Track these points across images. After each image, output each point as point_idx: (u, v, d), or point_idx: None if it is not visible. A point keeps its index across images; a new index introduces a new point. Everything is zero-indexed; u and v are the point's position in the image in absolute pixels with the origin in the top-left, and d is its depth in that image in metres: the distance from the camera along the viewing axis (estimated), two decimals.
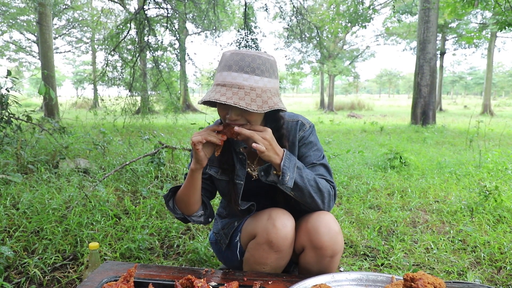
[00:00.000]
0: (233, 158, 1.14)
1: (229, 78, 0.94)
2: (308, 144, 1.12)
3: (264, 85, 0.96)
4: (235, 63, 0.95)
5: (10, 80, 3.21)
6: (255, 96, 0.93)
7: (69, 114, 10.30)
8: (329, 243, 0.99)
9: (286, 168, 0.97)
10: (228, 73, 0.95)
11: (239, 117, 0.98)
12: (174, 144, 4.33)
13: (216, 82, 0.97)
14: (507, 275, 1.58)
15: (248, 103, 0.91)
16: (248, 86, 0.93)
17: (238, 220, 1.22)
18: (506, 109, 22.22)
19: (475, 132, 6.38)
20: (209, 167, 1.17)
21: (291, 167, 0.98)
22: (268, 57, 0.99)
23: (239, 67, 0.94)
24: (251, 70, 0.94)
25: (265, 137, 0.95)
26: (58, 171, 2.92)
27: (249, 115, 0.98)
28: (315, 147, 1.12)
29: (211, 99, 0.92)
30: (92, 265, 1.13)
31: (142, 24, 6.69)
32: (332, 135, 7.07)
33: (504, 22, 5.91)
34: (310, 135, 1.13)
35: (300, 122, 1.13)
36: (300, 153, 1.12)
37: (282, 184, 0.98)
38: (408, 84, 56.90)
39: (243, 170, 1.13)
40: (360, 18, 9.77)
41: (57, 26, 16.80)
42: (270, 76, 0.98)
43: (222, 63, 0.98)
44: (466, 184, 3.09)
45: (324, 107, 20.99)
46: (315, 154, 1.11)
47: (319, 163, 1.10)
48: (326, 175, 1.09)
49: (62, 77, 42.66)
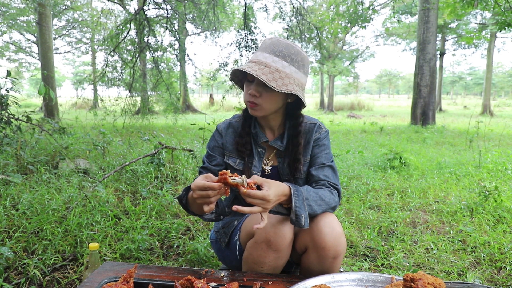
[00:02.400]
0: (253, 149, 1.19)
1: (260, 57, 1.05)
2: (321, 146, 1.18)
3: (290, 72, 1.04)
4: (270, 46, 1.06)
5: (10, 80, 3.21)
6: (277, 77, 1.01)
7: (69, 115, 10.30)
8: (332, 244, 0.99)
9: (299, 210, 0.96)
10: (261, 53, 1.06)
11: (258, 94, 1.05)
12: (174, 144, 4.33)
13: (249, 60, 1.08)
14: (507, 275, 1.58)
15: (269, 79, 0.99)
16: (275, 67, 1.02)
17: (238, 219, 1.22)
18: (506, 109, 22.23)
19: (475, 133, 6.38)
20: (227, 157, 1.20)
21: (302, 206, 0.97)
22: (302, 51, 1.09)
23: (271, 50, 1.05)
24: (282, 56, 1.04)
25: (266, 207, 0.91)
26: (58, 172, 2.92)
27: (268, 94, 1.05)
28: (327, 150, 1.19)
29: (239, 68, 1.03)
30: (92, 265, 1.13)
31: (142, 25, 6.69)
32: (332, 136, 7.07)
33: (503, 23, 5.92)
34: (324, 138, 1.20)
35: (318, 125, 1.21)
36: (312, 152, 1.18)
37: (298, 226, 0.97)
38: (408, 84, 56.91)
39: (260, 163, 1.18)
40: (360, 18, 9.77)
41: (57, 27, 16.81)
42: (298, 68, 1.07)
43: (261, 46, 1.10)
44: (466, 185, 3.09)
45: (324, 107, 21.00)
46: (326, 156, 1.18)
47: (328, 165, 1.16)
48: (331, 177, 1.15)
49: (62, 77, 42.66)
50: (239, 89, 1.21)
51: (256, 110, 1.09)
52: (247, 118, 1.20)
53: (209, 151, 1.23)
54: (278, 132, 1.21)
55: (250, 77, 1.07)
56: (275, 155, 1.21)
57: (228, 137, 1.21)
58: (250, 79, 1.08)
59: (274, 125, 1.20)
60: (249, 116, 1.20)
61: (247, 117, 1.20)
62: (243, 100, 1.13)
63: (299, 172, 1.16)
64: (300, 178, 1.17)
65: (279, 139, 1.18)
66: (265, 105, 1.07)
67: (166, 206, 2.35)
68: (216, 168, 1.20)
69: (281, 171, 1.19)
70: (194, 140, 5.42)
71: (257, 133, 1.18)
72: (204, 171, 1.19)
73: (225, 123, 1.24)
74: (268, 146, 1.21)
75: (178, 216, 2.25)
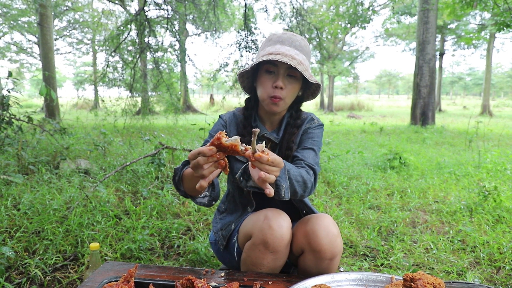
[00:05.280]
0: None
1: (283, 50, 1.05)
2: (309, 133, 1.19)
3: (307, 65, 1.09)
4: (288, 39, 1.08)
5: (11, 81, 3.22)
6: (303, 68, 1.04)
7: (69, 115, 10.31)
8: (328, 246, 0.99)
9: (279, 179, 0.91)
10: (282, 45, 1.07)
11: (284, 86, 1.07)
12: (175, 144, 4.33)
13: (269, 52, 1.06)
14: (506, 275, 1.59)
15: (302, 70, 1.02)
16: (299, 60, 1.05)
17: (235, 222, 1.22)
18: (505, 110, 22.22)
19: (474, 133, 6.39)
20: None
21: (284, 177, 0.93)
22: (309, 45, 1.14)
23: (291, 43, 1.07)
24: (301, 49, 1.08)
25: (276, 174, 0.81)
26: (59, 172, 2.93)
27: (292, 87, 1.08)
28: (315, 138, 1.18)
29: (272, 58, 1.01)
30: (93, 265, 1.14)
31: (142, 25, 6.70)
32: (332, 136, 7.07)
33: (502, 23, 5.93)
34: (314, 128, 1.20)
35: (311, 117, 1.22)
36: (300, 139, 1.18)
37: (277, 197, 0.93)
38: (408, 84, 56.91)
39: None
40: (360, 19, 9.78)
41: (58, 28, 16.82)
42: (309, 60, 1.12)
43: (273, 39, 1.10)
44: (466, 185, 3.10)
45: (324, 107, 21.00)
46: (312, 142, 1.18)
47: (310, 147, 1.16)
48: (310, 158, 1.11)
49: (63, 78, 42.68)
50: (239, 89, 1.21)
51: (279, 105, 1.09)
52: (248, 117, 1.20)
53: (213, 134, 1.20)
54: (276, 125, 1.22)
55: (272, 69, 1.07)
56: (270, 147, 1.21)
57: (232, 127, 1.22)
58: (271, 70, 1.07)
59: (277, 118, 1.20)
60: (249, 114, 1.20)
61: (248, 116, 1.20)
62: (262, 95, 1.10)
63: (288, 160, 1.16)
64: None
65: (275, 132, 1.20)
66: (287, 98, 1.10)
67: (167, 206, 2.36)
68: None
69: None
70: (194, 140, 5.43)
71: (257, 126, 1.19)
72: None
73: (229, 113, 1.25)
74: (265, 139, 1.21)
75: (179, 216, 2.26)
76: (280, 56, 1.02)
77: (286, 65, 1.06)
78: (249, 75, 1.17)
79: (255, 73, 1.16)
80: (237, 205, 1.25)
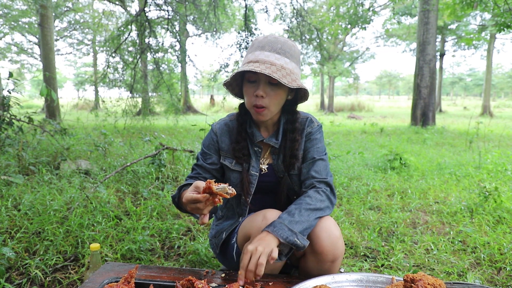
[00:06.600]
0: (249, 149, 1.17)
1: (262, 56, 1.02)
2: (312, 140, 1.17)
3: (292, 68, 1.05)
4: (268, 44, 1.04)
5: (11, 82, 3.22)
6: (285, 73, 1.01)
7: (70, 116, 10.32)
8: (330, 248, 0.99)
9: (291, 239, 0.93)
10: (261, 52, 1.04)
11: (266, 94, 1.04)
12: (175, 145, 4.34)
13: (248, 60, 1.04)
14: (507, 276, 1.59)
15: (280, 77, 0.98)
16: (280, 65, 1.02)
17: (226, 231, 1.21)
18: (506, 110, 22.21)
19: (475, 133, 6.39)
20: (223, 158, 1.19)
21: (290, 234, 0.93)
22: (296, 46, 1.09)
23: (271, 48, 1.03)
24: (283, 53, 1.04)
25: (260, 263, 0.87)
26: (59, 173, 2.93)
27: (274, 94, 1.05)
28: (319, 144, 1.18)
29: (245, 69, 0.99)
30: (93, 266, 1.14)
31: (143, 26, 6.71)
32: (332, 136, 7.07)
33: (503, 24, 5.93)
34: (316, 132, 1.19)
35: (309, 119, 1.20)
36: (304, 147, 1.17)
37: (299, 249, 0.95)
38: (408, 85, 56.89)
39: (258, 162, 1.17)
40: (360, 19, 9.79)
41: (59, 28, 16.84)
42: (296, 63, 1.08)
43: (255, 45, 1.07)
44: (466, 185, 3.10)
45: (324, 108, 21.00)
46: (317, 150, 1.17)
47: (319, 158, 1.15)
48: (321, 172, 1.13)
49: (64, 78, 42.74)
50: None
51: (264, 114, 1.07)
52: (242, 123, 1.17)
53: (204, 148, 1.21)
54: (273, 129, 1.19)
55: (253, 78, 1.05)
56: (270, 152, 1.20)
57: (224, 137, 1.19)
58: (252, 79, 1.05)
59: (270, 123, 1.18)
60: (243, 120, 1.18)
61: (242, 122, 1.17)
62: (247, 105, 1.10)
63: (293, 169, 1.15)
64: (294, 174, 1.16)
65: (273, 136, 1.17)
66: (272, 106, 1.06)
67: (167, 206, 2.36)
68: (211, 167, 1.18)
69: (275, 169, 1.18)
70: (195, 141, 5.43)
71: (253, 132, 1.16)
72: (198, 168, 1.18)
73: (220, 123, 1.22)
74: (263, 144, 1.19)
75: (179, 216, 2.26)
76: (258, 64, 1.00)
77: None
78: (238, 82, 1.14)
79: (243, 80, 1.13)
80: (234, 214, 1.24)
